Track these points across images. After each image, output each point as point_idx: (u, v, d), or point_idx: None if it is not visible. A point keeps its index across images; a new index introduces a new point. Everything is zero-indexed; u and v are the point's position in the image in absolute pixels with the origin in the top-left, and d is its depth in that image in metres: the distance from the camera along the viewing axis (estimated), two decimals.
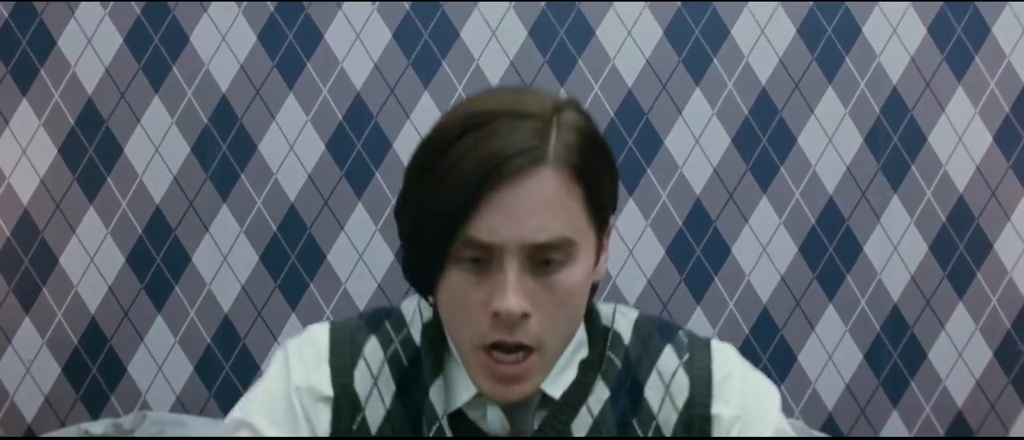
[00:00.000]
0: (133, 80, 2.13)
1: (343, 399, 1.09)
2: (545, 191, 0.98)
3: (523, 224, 0.97)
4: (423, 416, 1.08)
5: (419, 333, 1.11)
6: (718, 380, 1.10)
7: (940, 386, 2.23)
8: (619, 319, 1.13)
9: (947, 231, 2.20)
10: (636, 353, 1.11)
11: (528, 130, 0.98)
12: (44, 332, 2.17)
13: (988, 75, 2.19)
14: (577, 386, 1.08)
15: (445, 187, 0.97)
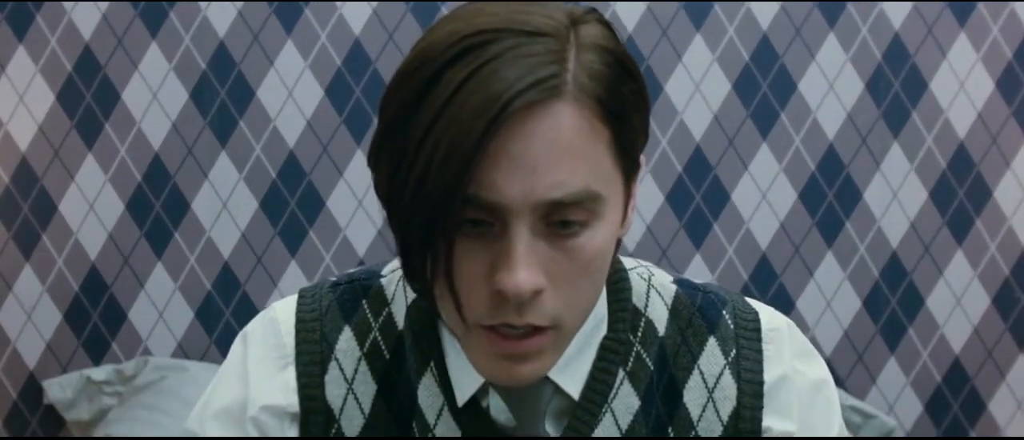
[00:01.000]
0: (130, 26, 2.10)
1: (313, 413, 0.91)
2: (564, 134, 0.75)
3: (536, 178, 0.75)
4: (412, 416, 0.90)
5: (403, 313, 0.92)
6: (771, 385, 0.92)
7: (937, 333, 2.23)
8: (654, 300, 0.93)
9: (947, 178, 2.19)
10: (673, 346, 0.92)
11: (540, 54, 0.75)
12: (45, 279, 2.16)
13: (991, 20, 2.17)
14: (598, 381, 0.89)
15: (436, 134, 0.74)
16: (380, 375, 0.91)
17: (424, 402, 0.89)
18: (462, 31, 0.75)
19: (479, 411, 0.89)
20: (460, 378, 0.88)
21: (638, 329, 0.91)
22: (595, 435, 0.88)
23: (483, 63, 0.74)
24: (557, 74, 0.74)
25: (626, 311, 0.91)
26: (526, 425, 0.89)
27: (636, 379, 0.90)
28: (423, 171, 0.73)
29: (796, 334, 0.96)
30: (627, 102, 0.78)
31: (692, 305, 0.93)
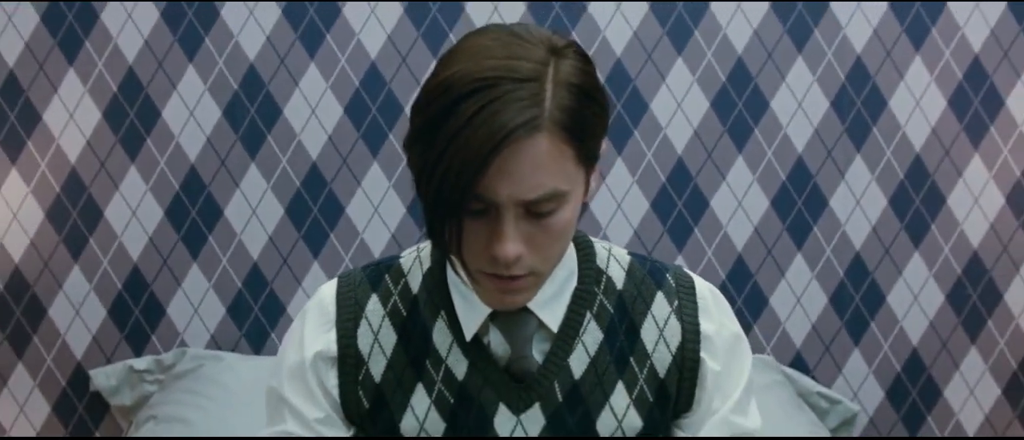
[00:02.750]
0: (169, 51, 2.33)
1: (347, 358, 1.20)
2: (540, 154, 1.03)
3: (520, 184, 1.03)
4: (426, 357, 1.18)
5: (418, 283, 1.21)
6: (706, 332, 1.22)
7: (897, 326, 2.45)
8: (613, 264, 1.23)
9: (905, 187, 2.42)
10: (631, 297, 1.22)
11: (527, 98, 1.01)
12: (91, 278, 2.39)
13: (943, 45, 2.40)
14: (571, 320, 1.19)
15: (456, 156, 1.01)
16: (399, 328, 1.20)
17: (437, 341, 1.18)
18: (474, 73, 1.02)
19: (481, 345, 1.18)
20: (466, 320, 1.18)
21: (601, 283, 1.21)
22: (570, 360, 1.18)
23: (488, 102, 1.01)
24: (537, 115, 1.02)
25: (592, 270, 1.21)
26: (517, 354, 1.17)
27: (600, 319, 1.20)
28: (444, 174, 1.01)
29: (720, 297, 1.26)
30: (589, 122, 1.06)
31: (642, 269, 1.24)
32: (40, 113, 2.34)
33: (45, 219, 2.37)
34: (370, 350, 1.20)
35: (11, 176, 2.36)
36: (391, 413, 1.18)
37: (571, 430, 1.17)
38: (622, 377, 1.19)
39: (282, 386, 1.23)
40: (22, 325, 2.39)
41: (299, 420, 1.21)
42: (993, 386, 2.47)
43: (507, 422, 1.16)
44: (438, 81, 1.04)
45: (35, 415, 2.41)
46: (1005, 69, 2.39)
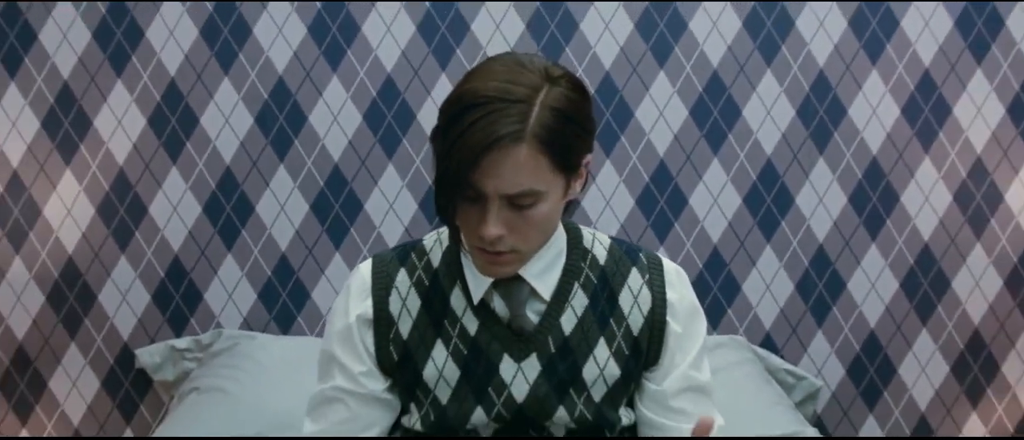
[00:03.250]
0: (207, 65, 2.62)
1: (381, 320, 1.49)
2: (520, 160, 1.30)
3: (503, 180, 1.30)
4: (445, 318, 1.47)
5: (438, 259, 1.49)
6: (671, 301, 1.52)
7: (856, 311, 2.74)
8: (596, 244, 1.53)
9: (863, 186, 2.70)
10: (611, 271, 1.50)
11: (514, 115, 1.29)
12: (136, 267, 2.67)
13: (897, 60, 2.68)
14: (562, 288, 1.47)
15: (456, 151, 1.29)
16: (422, 295, 1.49)
17: (454, 304, 1.48)
18: (479, 91, 1.31)
19: (488, 307, 1.47)
20: (474, 288, 1.47)
21: (586, 259, 1.51)
22: (561, 319, 1.46)
23: (484, 115, 1.30)
24: (520, 130, 1.30)
25: (579, 249, 1.52)
26: (516, 315, 1.46)
27: (585, 288, 1.49)
28: (448, 166, 1.30)
29: (682, 274, 1.57)
30: (566, 140, 1.33)
31: (620, 250, 1.54)
32: (91, 120, 2.63)
33: (95, 215, 2.65)
34: (399, 313, 1.49)
35: (65, 176, 2.64)
36: (416, 364, 1.47)
37: (562, 376, 1.46)
38: (603, 334, 1.48)
39: (332, 347, 1.51)
40: (75, 309, 2.68)
41: (345, 374, 1.50)
42: (942, 364, 2.75)
43: (510, 368, 1.45)
44: (457, 94, 1.33)
45: (86, 390, 2.70)
46: (952, 81, 2.68)
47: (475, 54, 2.62)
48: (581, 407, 1.46)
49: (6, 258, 2.66)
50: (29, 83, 2.62)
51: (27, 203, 2.65)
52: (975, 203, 2.71)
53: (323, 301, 2.67)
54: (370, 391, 1.50)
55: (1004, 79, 2.68)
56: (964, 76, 2.68)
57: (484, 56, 2.62)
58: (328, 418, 1.53)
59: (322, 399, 1.54)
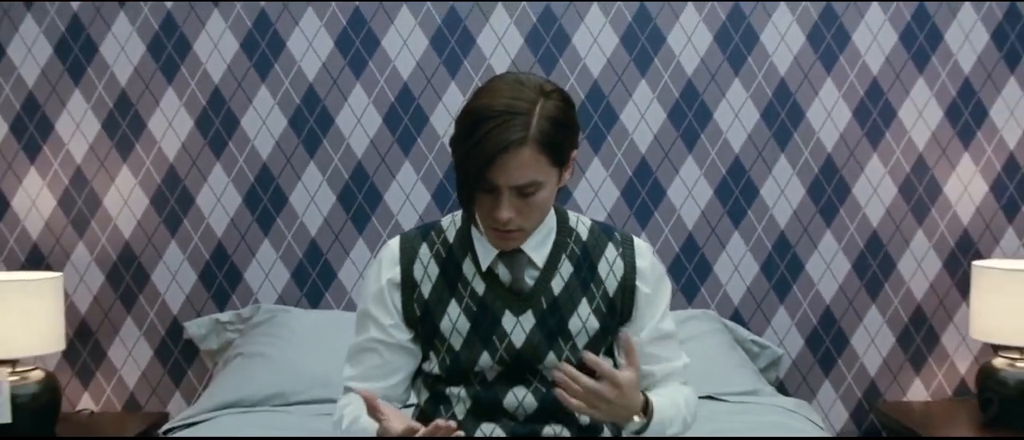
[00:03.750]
0: (247, 74, 3.01)
1: (407, 284, 1.87)
2: (525, 159, 1.67)
3: (512, 175, 1.68)
4: (458, 281, 1.84)
5: (453, 235, 1.87)
6: (640, 268, 1.90)
7: (813, 289, 3.12)
8: (580, 224, 1.91)
9: (819, 180, 3.09)
10: (590, 245, 1.88)
11: (519, 125, 1.66)
12: (185, 250, 3.06)
13: (849, 69, 3.07)
14: (552, 258, 1.85)
15: (474, 155, 1.66)
16: (440, 264, 1.87)
17: (466, 271, 1.86)
18: (490, 106, 1.69)
19: (493, 273, 1.85)
20: (483, 258, 1.85)
21: (571, 236, 1.89)
22: (552, 283, 1.84)
23: (496, 126, 1.67)
24: (525, 136, 1.67)
25: (565, 228, 1.90)
26: (516, 279, 1.84)
27: (571, 258, 1.88)
28: (468, 167, 1.68)
29: (650, 248, 1.95)
30: (559, 141, 1.71)
31: (598, 228, 1.93)
32: (145, 122, 3.02)
33: (149, 205, 3.04)
34: (421, 278, 1.87)
35: (123, 171, 3.03)
36: (434, 318, 1.86)
37: (551, 327, 1.84)
38: (585, 295, 1.87)
39: (367, 306, 1.90)
40: (131, 288, 3.06)
41: (378, 326, 1.89)
42: (889, 335, 3.14)
43: (510, 321, 1.84)
44: (471, 108, 1.72)
45: (140, 358, 3.09)
46: (897, 88, 3.06)
47: (480, 64, 3.01)
48: (566, 352, 1.85)
49: (71, 243, 3.05)
50: (91, 90, 3.01)
51: (89, 195, 3.04)
52: (917, 194, 3.09)
53: (348, 279, 3.06)
54: (397, 341, 1.89)
55: (942, 86, 3.07)
56: (907, 83, 3.06)
57: (488, 66, 3.01)
58: (364, 364, 1.92)
59: (358, 349, 1.93)
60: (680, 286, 3.08)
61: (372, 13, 3.00)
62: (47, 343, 2.78)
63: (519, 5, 3.01)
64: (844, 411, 3.14)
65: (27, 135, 3.02)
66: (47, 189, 3.04)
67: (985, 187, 3.10)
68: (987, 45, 3.06)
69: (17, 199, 3.04)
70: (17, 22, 3.00)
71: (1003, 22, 3.06)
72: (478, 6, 3.00)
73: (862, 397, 3.15)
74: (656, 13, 3.02)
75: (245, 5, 2.99)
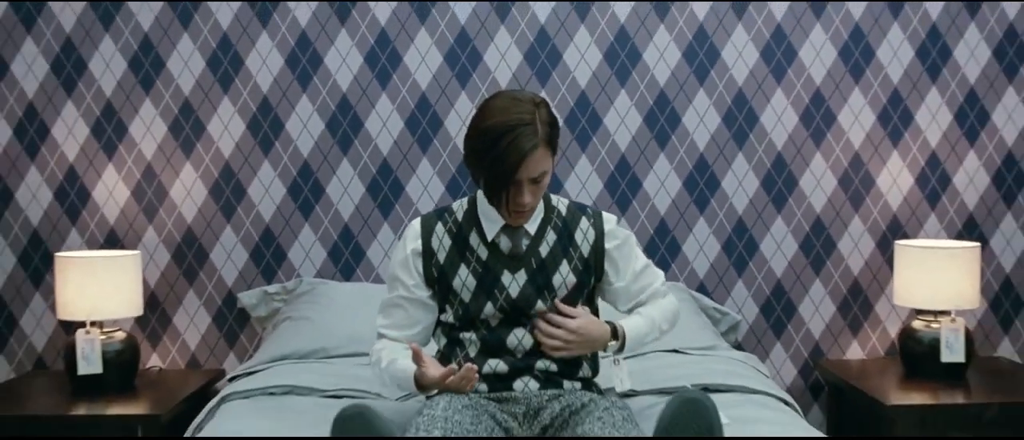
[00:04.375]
0: (290, 85, 3.59)
1: (426, 253, 2.40)
2: (538, 156, 2.20)
3: (531, 170, 2.20)
4: (466, 250, 2.38)
5: (462, 216, 2.40)
6: (607, 232, 2.44)
7: (766, 265, 3.70)
8: (560, 203, 2.44)
9: (771, 173, 3.67)
10: (569, 219, 2.42)
11: (530, 133, 2.18)
12: (238, 233, 3.64)
13: (796, 80, 3.65)
14: (540, 229, 2.38)
15: (503, 162, 2.17)
16: (452, 237, 2.41)
17: (472, 242, 2.39)
18: (503, 122, 2.21)
19: (494, 243, 2.38)
20: (488, 231, 2.38)
21: (553, 212, 2.43)
22: (540, 248, 2.39)
23: (515, 138, 2.20)
24: (537, 141, 2.21)
25: (549, 205, 2.44)
26: (515, 246, 2.37)
27: (554, 229, 2.42)
28: (499, 171, 2.20)
29: (614, 218, 2.47)
30: (554, 138, 2.27)
31: (574, 206, 2.46)
32: (205, 125, 3.60)
33: (208, 195, 3.62)
34: (437, 248, 2.42)
35: (186, 167, 3.61)
36: (448, 278, 2.41)
37: (539, 283, 2.40)
38: (565, 257, 2.43)
39: (395, 270, 2.46)
40: (192, 265, 3.64)
41: (403, 285, 2.45)
42: (830, 304, 3.72)
43: (508, 278, 2.39)
44: (485, 127, 2.23)
45: (201, 323, 3.67)
46: (837, 97, 3.64)
47: (486, 77, 3.59)
48: (550, 301, 2.41)
49: (142, 227, 3.63)
50: (159, 98, 3.59)
51: (157, 187, 3.62)
52: (854, 186, 3.67)
53: (375, 257, 3.64)
54: (419, 298, 2.46)
55: (875, 95, 3.64)
56: (845, 93, 3.64)
57: (493, 79, 3.59)
58: (393, 317, 2.49)
59: (389, 304, 2.50)
60: (653, 262, 3.66)
61: (395, 34, 3.58)
62: (127, 309, 3.35)
63: (518, 27, 3.59)
64: (793, 368, 3.72)
65: (105, 137, 3.60)
66: (122, 182, 3.61)
67: (911, 179, 3.68)
68: (912, 60, 3.64)
69: (97, 190, 3.61)
70: (174, 41, 3.57)
71: (925, 41, 3.64)
72: (484, 28, 3.58)
73: (808, 356, 3.73)
74: (633, 33, 3.60)
75: (289, 27, 3.57)
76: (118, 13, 3.56)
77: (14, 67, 3.57)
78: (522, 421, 2.37)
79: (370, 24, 3.57)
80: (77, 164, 3.60)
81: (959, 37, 3.64)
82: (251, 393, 2.86)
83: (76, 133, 3.59)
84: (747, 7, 3.60)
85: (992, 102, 3.66)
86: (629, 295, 2.51)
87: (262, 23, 3.56)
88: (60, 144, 3.59)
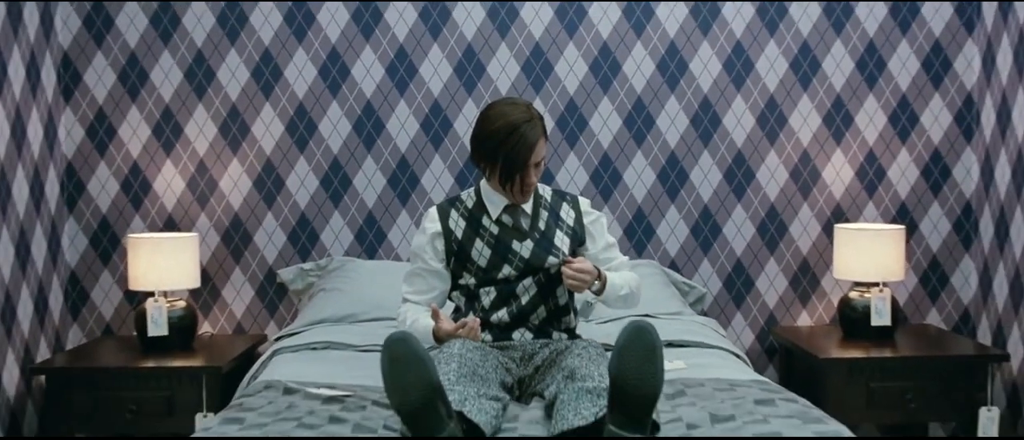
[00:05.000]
0: (322, 92, 4.22)
1: (445, 233, 3.03)
2: (542, 144, 2.87)
3: (538, 155, 2.86)
4: (479, 227, 3.02)
5: (471, 203, 3.02)
6: (583, 211, 3.10)
7: (728, 246, 4.33)
8: (546, 190, 3.08)
9: (732, 168, 4.30)
10: (554, 202, 3.06)
11: (536, 126, 2.85)
12: (278, 218, 4.27)
13: (752, 88, 4.28)
14: (535, 208, 3.01)
15: (519, 149, 2.83)
16: (465, 219, 3.06)
17: (483, 221, 3.04)
18: (515, 120, 2.90)
19: (502, 221, 3.04)
20: (493, 213, 3.04)
21: (541, 197, 3.09)
22: (539, 223, 3.04)
23: (523, 132, 2.89)
24: (539, 132, 2.91)
25: (537, 193, 3.09)
26: (518, 222, 3.03)
27: (544, 209, 3.08)
28: (513, 161, 2.90)
29: (588, 202, 3.15)
30: (546, 131, 2.96)
31: (555, 192, 3.13)
32: (249, 126, 4.23)
33: (252, 186, 4.25)
34: (454, 227, 3.05)
35: (233, 162, 4.24)
36: (466, 251, 3.04)
37: (545, 246, 3.03)
38: (558, 228, 3.07)
39: (416, 248, 3.10)
40: (239, 245, 4.27)
41: (423, 260, 3.09)
42: (783, 279, 4.35)
43: (518, 245, 3.02)
44: (495, 129, 2.89)
45: (245, 296, 4.30)
46: (788, 102, 4.28)
47: (489, 86, 4.22)
48: (558, 256, 3.03)
49: (195, 213, 4.26)
50: (210, 103, 4.22)
51: (209, 179, 4.25)
52: (802, 178, 4.31)
53: (395, 240, 4.27)
54: (435, 269, 3.09)
55: (820, 100, 4.28)
56: (795, 99, 4.28)
57: (495, 88, 4.21)
58: (414, 284, 3.14)
59: (411, 274, 3.14)
60: (632, 244, 4.29)
61: (412, 49, 4.21)
62: (187, 281, 3.98)
63: (516, 43, 4.22)
64: (751, 333, 4.36)
65: (164, 136, 4.23)
66: (178, 175, 4.24)
67: (851, 172, 4.31)
68: (852, 71, 4.27)
69: (157, 182, 4.24)
70: (222, 55, 4.21)
71: (863, 54, 4.27)
72: (487, 44, 4.21)
73: (763, 323, 4.36)
74: (614, 48, 4.23)
75: (321, 43, 4.20)
76: (175, 30, 4.19)
77: (86, 78, 4.20)
78: (519, 363, 3.00)
79: (390, 40, 4.20)
80: (140, 160, 4.23)
81: (892, 51, 4.27)
82: (297, 348, 3.49)
83: (139, 134, 4.22)
84: (711, 26, 4.23)
85: (920, 106, 4.30)
86: (598, 261, 3.13)
87: (298, 40, 4.19)
88: (125, 143, 4.22)
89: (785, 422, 2.52)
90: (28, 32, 3.91)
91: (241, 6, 4.18)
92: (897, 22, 4.26)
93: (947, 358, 3.74)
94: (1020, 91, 3.93)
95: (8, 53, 3.76)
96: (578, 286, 2.96)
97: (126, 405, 3.67)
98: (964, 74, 4.28)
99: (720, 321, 4.34)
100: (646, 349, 2.26)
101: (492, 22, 4.20)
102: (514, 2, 4.20)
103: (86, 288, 4.27)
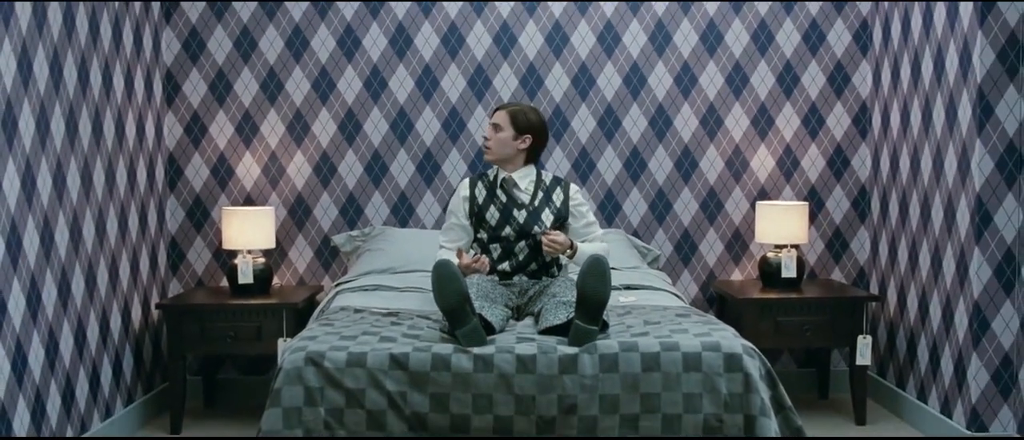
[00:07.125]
0: (366, 100, 5.50)
1: (471, 198, 4.33)
2: (496, 116, 4.30)
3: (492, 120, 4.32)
4: (494, 197, 4.32)
5: (490, 179, 4.36)
6: (570, 193, 4.40)
7: (677, 219, 5.60)
8: (545, 176, 4.39)
9: (681, 159, 5.57)
10: (550, 185, 4.34)
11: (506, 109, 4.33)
12: (331, 196, 5.53)
13: (696, 97, 5.56)
14: (534, 190, 4.32)
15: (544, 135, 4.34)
16: (485, 189, 4.38)
17: (497, 194, 4.32)
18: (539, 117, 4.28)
19: (510, 194, 4.34)
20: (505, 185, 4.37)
21: (541, 181, 4.37)
22: (535, 201, 4.34)
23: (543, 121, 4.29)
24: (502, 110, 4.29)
25: (539, 176, 4.38)
26: (520, 199, 4.34)
27: (541, 190, 4.35)
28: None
29: (575, 187, 4.46)
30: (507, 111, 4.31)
31: (553, 177, 4.42)
32: (310, 126, 5.51)
33: (312, 172, 5.53)
34: (477, 194, 4.36)
35: (297, 154, 5.52)
36: (483, 213, 4.33)
37: (534, 217, 4.30)
38: (547, 206, 4.34)
39: (452, 207, 4.43)
40: (301, 218, 5.55)
41: (455, 216, 4.42)
42: (719, 244, 5.62)
43: (518, 214, 4.31)
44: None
45: (306, 257, 5.58)
46: (724, 108, 5.56)
47: (494, 96, 5.50)
48: (541, 227, 4.31)
49: (268, 193, 5.54)
50: (280, 108, 5.50)
51: (278, 166, 5.53)
52: (735, 167, 5.59)
53: (422, 213, 5.55)
54: (463, 224, 4.40)
55: (749, 107, 5.56)
56: (729, 105, 5.56)
57: (499, 97, 5.49)
58: (448, 235, 4.45)
59: (446, 227, 4.44)
60: (604, 216, 5.57)
61: (435, 67, 5.49)
62: (265, 242, 5.25)
63: (515, 62, 5.50)
64: (696, 286, 5.65)
65: (244, 133, 5.50)
66: (255, 163, 5.52)
67: (773, 162, 5.60)
68: (774, 84, 5.56)
69: (239, 168, 5.52)
70: (289, 70, 5.49)
71: (783, 71, 5.55)
72: (493, 63, 5.49)
73: (705, 278, 5.65)
74: (590, 67, 5.51)
75: (366, 62, 5.48)
76: (252, 51, 5.47)
77: (185, 88, 5.48)
78: (518, 295, 4.29)
79: (418, 60, 5.48)
80: (226, 151, 5.51)
81: (805, 69, 5.55)
82: (354, 289, 4.78)
83: (225, 131, 5.50)
84: (665, 49, 5.52)
85: (826, 111, 5.58)
86: (578, 234, 4.41)
87: (347, 59, 5.47)
88: (214, 138, 5.50)
89: (696, 324, 3.81)
90: (145, 55, 5.20)
91: (304, 33, 5.46)
92: (808, 47, 5.54)
93: (834, 299, 5.03)
94: (896, 100, 5.22)
95: (134, 68, 5.04)
96: (551, 252, 4.22)
97: (226, 333, 4.95)
98: (860, 87, 5.56)
99: (672, 277, 5.63)
100: (599, 271, 3.55)
101: (497, 46, 5.48)
102: (514, 31, 5.48)
103: (183, 250, 5.55)
